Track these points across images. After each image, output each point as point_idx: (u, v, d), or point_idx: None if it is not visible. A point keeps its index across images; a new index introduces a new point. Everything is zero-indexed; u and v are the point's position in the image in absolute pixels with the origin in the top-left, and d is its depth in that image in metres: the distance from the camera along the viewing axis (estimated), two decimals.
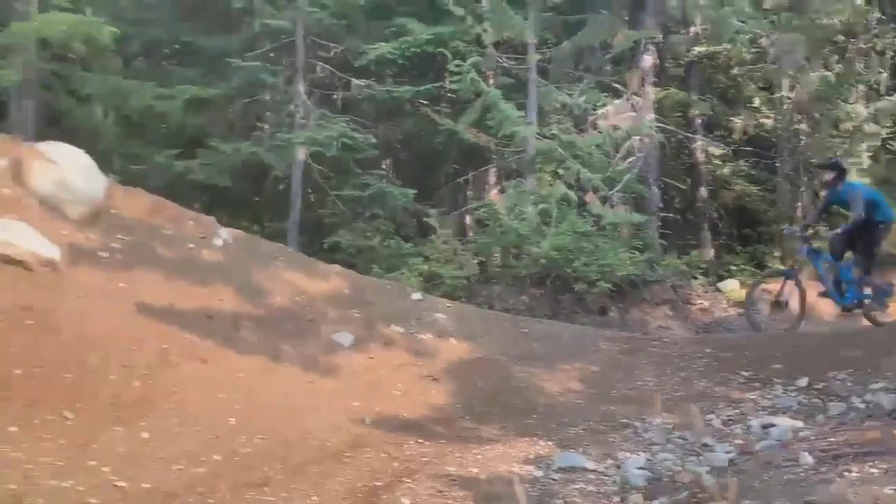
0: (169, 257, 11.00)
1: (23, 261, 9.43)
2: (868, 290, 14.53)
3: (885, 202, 14.70)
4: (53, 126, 20.68)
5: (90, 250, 10.37)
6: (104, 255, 10.43)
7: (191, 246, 11.50)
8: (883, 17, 24.65)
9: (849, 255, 14.77)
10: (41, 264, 9.56)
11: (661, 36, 23.31)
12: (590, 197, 20.88)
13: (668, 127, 23.96)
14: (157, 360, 8.99)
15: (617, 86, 23.34)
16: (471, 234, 23.12)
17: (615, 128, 22.40)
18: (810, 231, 15.24)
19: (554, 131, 21.50)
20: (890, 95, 23.83)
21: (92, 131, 20.78)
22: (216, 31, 23.77)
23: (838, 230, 14.58)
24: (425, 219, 22.08)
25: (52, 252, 9.76)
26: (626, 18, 23.24)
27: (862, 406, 9.36)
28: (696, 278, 22.06)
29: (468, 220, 23.74)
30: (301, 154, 21.93)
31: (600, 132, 22.10)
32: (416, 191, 22.25)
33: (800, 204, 24.57)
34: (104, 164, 12.35)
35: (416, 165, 25.55)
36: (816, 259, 14.97)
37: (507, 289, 19.75)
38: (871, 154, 23.63)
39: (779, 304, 14.66)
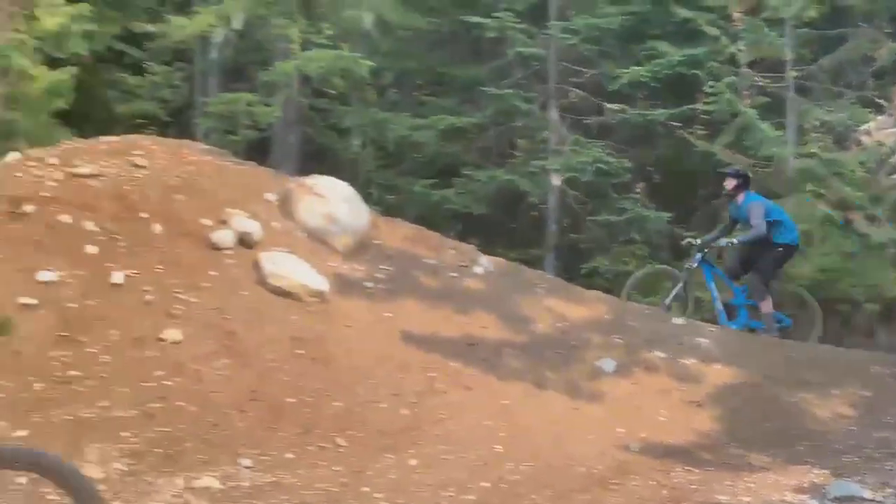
0: (431, 286, 11.18)
1: (293, 292, 9.78)
2: (760, 320, 13.52)
3: (790, 223, 13.80)
4: (314, 160, 21.29)
5: (356, 280, 10.65)
6: (369, 285, 10.69)
7: (452, 274, 11.65)
8: None
9: (746, 278, 13.80)
10: (310, 295, 9.89)
11: None
12: (854, 216, 20.27)
13: None
14: (424, 388, 9.17)
15: (880, 101, 22.57)
16: None
17: (879, 144, 21.72)
18: (711, 244, 14.20)
19: (814, 150, 20.93)
20: None
21: (351, 163, 21.32)
22: (468, 60, 24.04)
23: (734, 240, 13.74)
24: (682, 242, 21.77)
25: (321, 283, 10.08)
26: (889, 30, 22.45)
27: None
28: None
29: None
30: (556, 180, 21.94)
31: (863, 149, 21.46)
32: (671, 214, 21.99)
33: None
34: (363, 195, 12.66)
35: (671, 188, 25.18)
36: (709, 274, 14.07)
37: None
38: None
39: (660, 305, 13.89)
